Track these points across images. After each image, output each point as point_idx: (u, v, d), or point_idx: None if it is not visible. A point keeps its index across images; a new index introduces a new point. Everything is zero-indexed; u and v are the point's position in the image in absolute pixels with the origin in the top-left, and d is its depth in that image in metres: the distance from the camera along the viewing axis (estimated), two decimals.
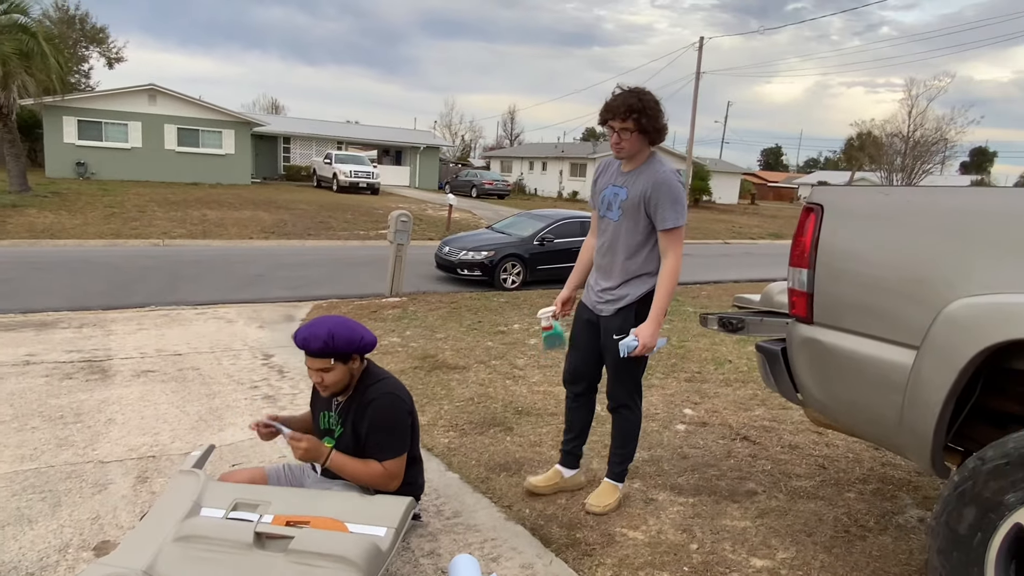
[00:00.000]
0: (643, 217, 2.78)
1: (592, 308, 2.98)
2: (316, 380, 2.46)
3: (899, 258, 2.23)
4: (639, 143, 2.75)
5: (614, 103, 2.71)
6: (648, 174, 2.78)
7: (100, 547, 2.54)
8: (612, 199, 2.87)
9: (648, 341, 2.72)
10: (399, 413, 2.51)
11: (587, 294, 3.04)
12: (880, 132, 40.58)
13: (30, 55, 15.99)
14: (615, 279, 2.88)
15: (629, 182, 2.82)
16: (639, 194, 2.77)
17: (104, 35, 37.79)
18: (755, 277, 12.54)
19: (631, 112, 2.66)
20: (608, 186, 2.92)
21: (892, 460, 3.76)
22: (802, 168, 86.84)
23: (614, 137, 2.74)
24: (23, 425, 3.68)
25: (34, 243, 11.73)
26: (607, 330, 2.90)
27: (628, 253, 2.85)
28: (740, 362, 5.72)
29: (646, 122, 2.69)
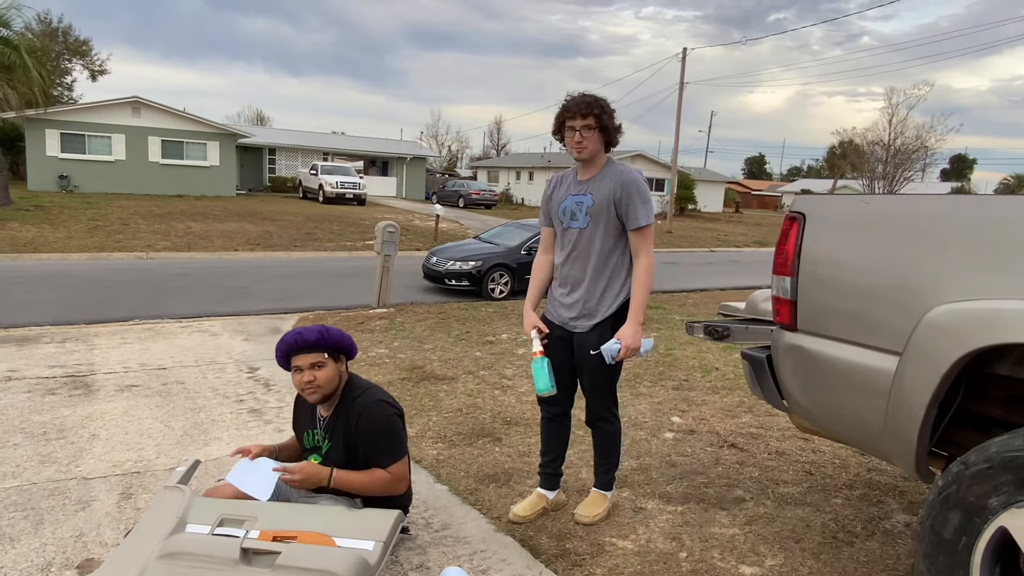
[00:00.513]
0: (613, 219, 2.76)
1: (563, 324, 2.89)
2: (307, 380, 2.42)
3: (880, 265, 2.26)
4: (599, 142, 2.74)
5: (572, 103, 2.72)
6: (612, 176, 2.77)
7: (84, 565, 2.50)
8: (575, 208, 2.81)
9: (631, 342, 2.68)
10: (391, 418, 2.52)
11: (554, 310, 2.94)
12: (861, 140, 41.17)
13: (12, 68, 15.89)
14: (587, 290, 2.81)
15: (591, 188, 2.79)
16: (606, 196, 2.74)
17: (87, 48, 37.58)
18: (740, 285, 12.63)
19: (591, 108, 2.68)
20: (566, 197, 2.85)
21: (878, 466, 3.79)
22: (785, 176, 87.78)
23: (575, 136, 2.71)
24: (4, 442, 3.62)
25: (16, 257, 11.59)
26: (582, 346, 2.82)
27: (600, 259, 2.79)
28: (727, 369, 5.75)
29: (606, 119, 2.71)
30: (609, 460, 3.04)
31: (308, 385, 2.43)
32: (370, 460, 2.45)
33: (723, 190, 45.15)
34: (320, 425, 2.58)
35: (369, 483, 2.41)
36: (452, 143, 65.36)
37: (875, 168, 38.69)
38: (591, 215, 2.77)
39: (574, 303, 2.83)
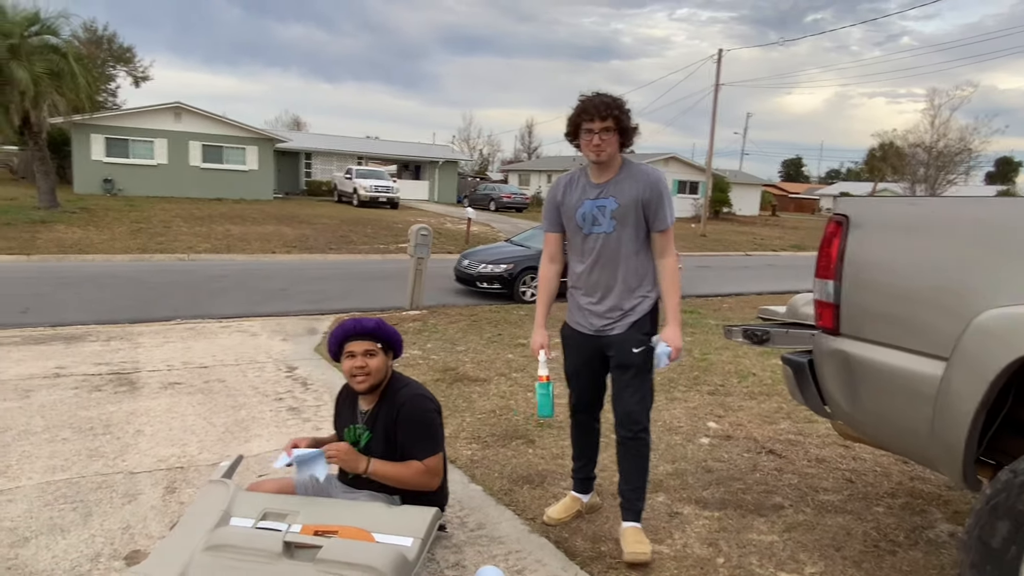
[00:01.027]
0: (640, 221, 2.69)
1: (593, 332, 2.80)
2: (359, 365, 2.47)
3: (927, 269, 2.22)
4: (616, 144, 2.65)
5: (590, 105, 2.60)
6: (636, 177, 2.68)
7: (131, 556, 2.58)
8: (597, 213, 2.70)
9: (678, 342, 2.66)
10: (429, 412, 2.58)
11: (583, 320, 2.84)
12: (902, 142, 40.20)
13: (60, 75, 16.42)
14: (620, 294, 2.73)
15: (613, 191, 2.69)
16: (634, 198, 2.66)
17: (131, 55, 38.73)
18: (778, 289, 12.43)
19: (610, 110, 2.58)
20: (583, 202, 2.74)
21: (921, 474, 3.70)
22: (823, 179, 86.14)
23: (594, 140, 2.60)
24: (54, 436, 3.75)
25: (62, 258, 11.98)
26: (624, 345, 2.72)
27: (630, 262, 2.72)
28: (764, 375, 5.67)
29: (624, 120, 2.62)
30: (642, 484, 2.81)
31: (359, 371, 2.48)
32: (407, 451, 2.49)
33: (759, 193, 44.51)
34: (361, 419, 2.62)
35: (404, 474, 2.44)
36: (484, 147, 65.68)
37: (916, 171, 37.75)
38: (616, 218, 2.68)
39: (609, 309, 2.76)
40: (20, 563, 2.51)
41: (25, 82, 15.23)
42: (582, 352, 2.87)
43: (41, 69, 15.81)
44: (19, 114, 15.92)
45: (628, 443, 2.78)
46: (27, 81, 15.25)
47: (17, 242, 12.69)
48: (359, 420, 2.63)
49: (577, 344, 2.88)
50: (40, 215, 15.67)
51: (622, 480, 2.82)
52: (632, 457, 2.79)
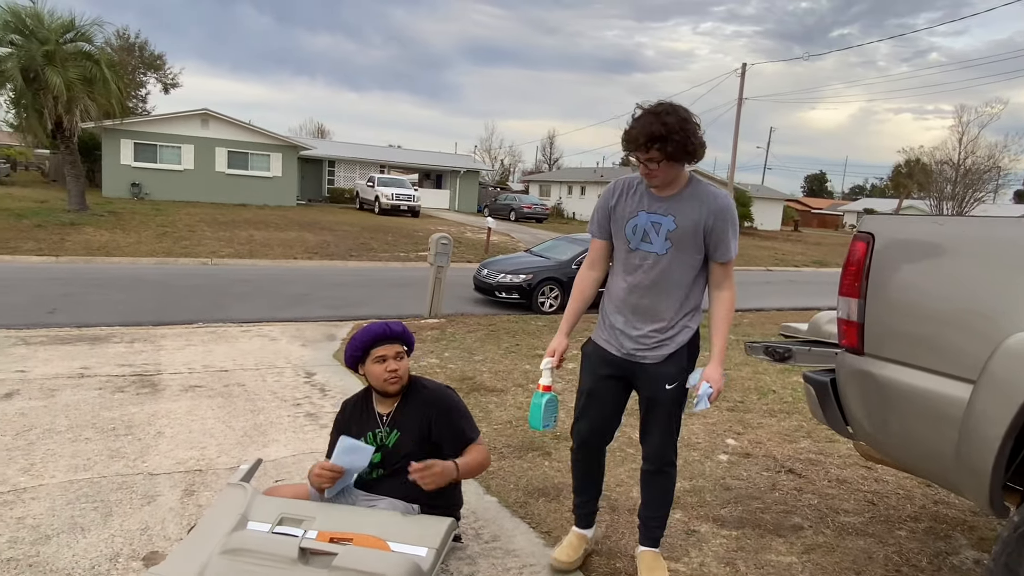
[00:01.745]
0: (698, 247, 2.43)
1: (622, 355, 2.54)
2: (392, 368, 2.53)
3: (954, 289, 2.18)
4: (672, 169, 2.36)
5: (632, 132, 2.31)
6: (701, 199, 2.42)
7: (149, 557, 2.60)
8: (650, 229, 2.44)
9: (721, 384, 2.42)
10: (461, 401, 2.71)
11: (613, 339, 2.57)
12: (929, 159, 39.70)
13: (93, 81, 16.79)
14: (664, 320, 2.48)
15: (674, 209, 2.42)
16: (695, 223, 2.40)
17: (161, 62, 39.51)
18: (799, 306, 12.29)
19: (653, 141, 2.26)
20: (638, 213, 2.47)
21: (945, 498, 3.62)
22: (847, 195, 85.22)
23: (642, 169, 2.38)
24: (77, 436, 3.80)
25: (90, 260, 12.20)
26: (656, 379, 2.49)
27: (681, 291, 2.47)
28: (784, 392, 5.60)
29: (672, 149, 2.27)
30: (664, 512, 2.71)
31: (392, 374, 2.53)
32: (457, 438, 2.56)
33: (781, 208, 44.16)
34: (383, 423, 2.62)
35: (478, 458, 2.55)
36: (505, 157, 65.99)
37: (943, 188, 37.21)
38: (672, 240, 2.42)
39: (645, 335, 2.49)
40: (41, 560, 2.55)
41: (59, 87, 15.59)
42: (601, 369, 2.60)
43: (74, 75, 16.18)
44: (52, 118, 16.29)
45: (654, 476, 2.66)
46: (61, 86, 15.61)
47: (47, 243, 12.95)
48: (379, 424, 2.64)
49: (599, 363, 2.61)
50: (69, 218, 15.99)
51: (644, 507, 2.72)
52: (657, 489, 2.68)
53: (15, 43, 16.22)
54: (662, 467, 2.63)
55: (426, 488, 2.33)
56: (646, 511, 2.71)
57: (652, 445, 2.61)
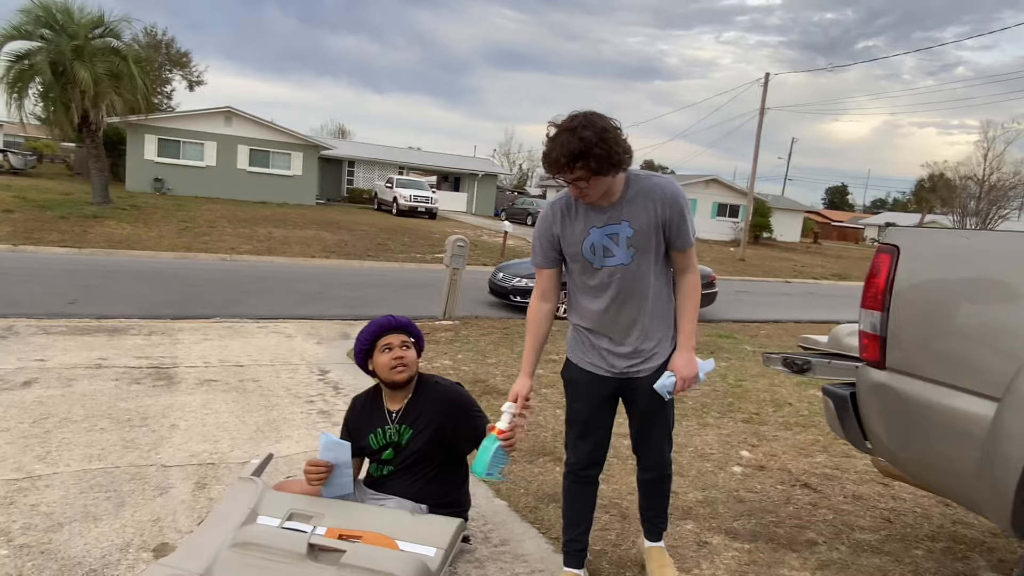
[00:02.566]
0: (660, 244, 2.33)
1: (614, 374, 2.44)
2: (397, 356, 2.55)
3: (980, 305, 2.14)
4: (601, 184, 2.19)
5: (552, 154, 2.13)
6: (648, 195, 2.28)
7: (159, 548, 2.61)
8: (608, 243, 2.30)
9: (687, 372, 2.34)
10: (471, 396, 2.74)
11: (594, 358, 2.46)
12: (953, 174, 39.24)
13: (120, 76, 17.05)
14: (645, 331, 2.39)
15: (625, 214, 2.28)
16: (651, 219, 2.28)
17: (187, 59, 40.03)
18: (818, 319, 12.16)
19: (574, 160, 2.09)
20: (589, 231, 2.31)
21: (964, 518, 3.55)
22: (869, 208, 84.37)
23: (572, 190, 2.24)
24: (93, 426, 3.84)
25: (111, 253, 12.36)
26: (649, 390, 2.40)
27: (654, 293, 2.37)
28: (801, 405, 5.53)
29: (596, 164, 2.09)
30: (666, 507, 2.74)
31: (398, 361, 2.55)
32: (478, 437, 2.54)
33: (801, 219, 43.77)
34: (393, 420, 2.62)
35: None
36: (523, 161, 66.02)
37: (967, 204, 36.73)
38: (634, 245, 2.29)
39: (634, 351, 2.40)
40: (54, 548, 2.57)
41: (86, 82, 15.84)
42: (595, 396, 2.47)
43: (102, 70, 16.44)
44: (79, 112, 16.56)
45: (655, 483, 2.66)
46: (88, 81, 15.86)
47: (70, 235, 13.14)
48: (390, 421, 2.63)
49: (592, 387, 2.47)
50: (93, 210, 16.22)
51: (646, 506, 2.73)
52: (659, 493, 2.70)
53: (45, 37, 16.52)
54: (664, 470, 2.64)
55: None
56: (650, 509, 2.72)
57: (653, 453, 2.58)
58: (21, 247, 11.84)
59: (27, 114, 17.00)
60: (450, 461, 2.66)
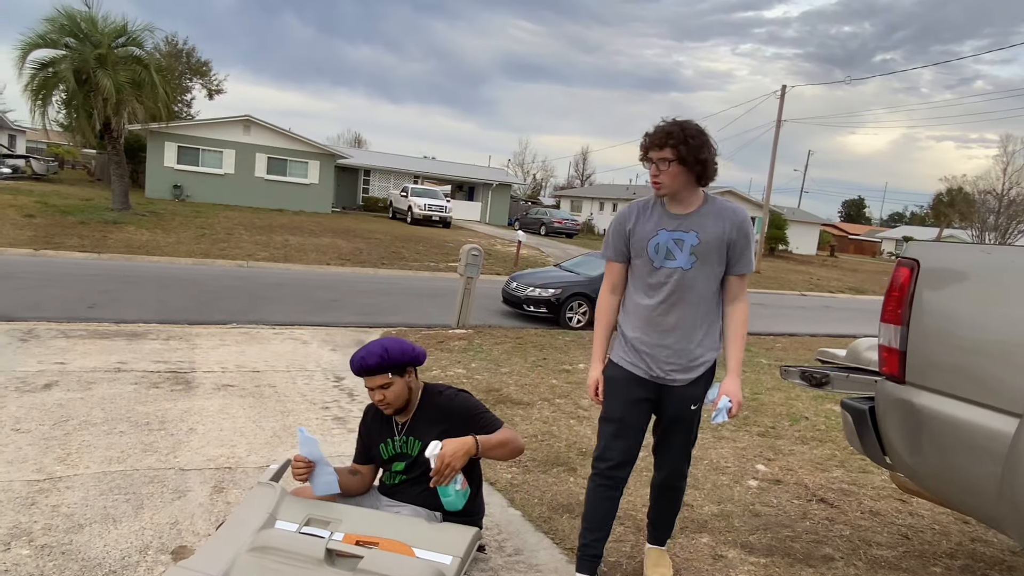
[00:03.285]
0: (722, 260, 2.47)
1: (650, 377, 2.54)
2: (378, 399, 2.51)
3: (1001, 320, 2.12)
4: (679, 177, 2.39)
5: (651, 132, 2.42)
6: (721, 215, 2.46)
7: (177, 551, 2.64)
8: (673, 246, 2.46)
9: (740, 398, 2.47)
10: (474, 399, 2.62)
11: (634, 358, 2.56)
12: (972, 189, 38.83)
13: (141, 84, 17.29)
14: (687, 338, 2.50)
15: (695, 225, 2.45)
16: (718, 236, 2.43)
17: (207, 68, 40.49)
18: (834, 332, 12.06)
19: (668, 138, 2.35)
20: (658, 232, 2.49)
21: (983, 536, 3.50)
22: (886, 222, 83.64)
23: (652, 169, 2.42)
24: (112, 429, 3.89)
25: (130, 258, 12.51)
26: (683, 400, 2.53)
27: (703, 303, 2.49)
28: (817, 420, 5.48)
29: (685, 151, 2.34)
30: (673, 517, 2.83)
31: (380, 403, 2.53)
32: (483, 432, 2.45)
33: (817, 232, 43.50)
34: (400, 432, 2.62)
35: (502, 437, 2.42)
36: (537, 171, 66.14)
37: (986, 219, 36.32)
38: (697, 255, 2.44)
39: (673, 355, 2.50)
40: (74, 549, 2.60)
41: (109, 90, 16.08)
42: (631, 396, 2.56)
43: (124, 78, 16.68)
44: (101, 120, 16.79)
45: (668, 489, 2.75)
46: (111, 89, 16.10)
47: (90, 240, 13.32)
48: (397, 432, 2.64)
49: (629, 386, 2.56)
50: (112, 216, 16.43)
51: (654, 511, 2.82)
52: (670, 499, 2.78)
53: (70, 46, 16.80)
54: (677, 480, 2.73)
55: (456, 469, 2.27)
56: (656, 515, 2.82)
57: (671, 460, 2.68)
58: (42, 252, 12.02)
59: (50, 121, 17.26)
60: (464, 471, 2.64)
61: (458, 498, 2.35)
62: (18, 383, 4.54)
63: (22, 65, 16.29)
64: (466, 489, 2.38)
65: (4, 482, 3.10)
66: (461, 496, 2.36)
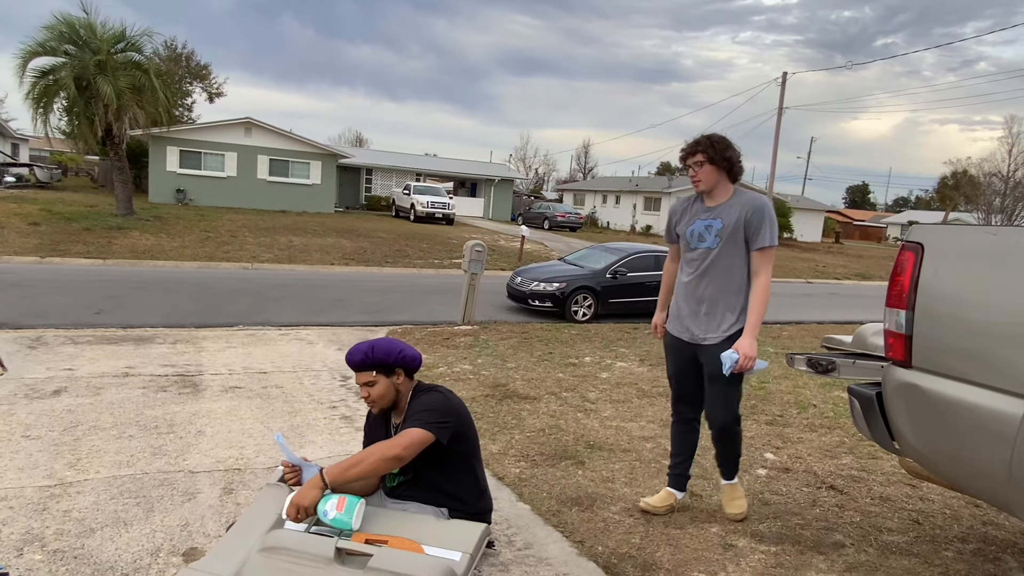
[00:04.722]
0: (741, 240, 3.03)
1: (688, 339, 3.16)
2: (364, 396, 2.52)
3: (1008, 301, 2.11)
4: (713, 174, 3.04)
5: (687, 143, 3.12)
6: (742, 202, 3.05)
7: (188, 553, 2.65)
8: (704, 231, 3.09)
9: (749, 352, 2.88)
10: (443, 402, 2.46)
11: (677, 325, 3.22)
12: (977, 171, 38.60)
13: (142, 90, 17.32)
14: (715, 304, 3.08)
15: (721, 213, 3.06)
16: (736, 219, 3.01)
17: (207, 72, 40.56)
18: (840, 319, 12.02)
19: (698, 146, 3.06)
20: (694, 221, 3.13)
21: (995, 519, 3.49)
22: (891, 207, 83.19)
23: (690, 172, 3.09)
24: (121, 433, 3.91)
25: (136, 263, 12.55)
26: (714, 356, 3.02)
27: (727, 275, 3.06)
28: (825, 407, 5.47)
29: (713, 153, 3.01)
30: (734, 459, 3.29)
31: (365, 400, 2.54)
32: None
33: (822, 219, 43.28)
34: (393, 433, 2.63)
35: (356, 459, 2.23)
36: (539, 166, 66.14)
37: (992, 201, 36.09)
38: (721, 236, 3.04)
39: (704, 317, 3.10)
40: (86, 552, 2.62)
41: (109, 96, 16.11)
42: (680, 357, 3.24)
43: (125, 84, 16.70)
44: (102, 126, 16.84)
45: (718, 437, 3.23)
46: (111, 95, 16.13)
47: (95, 246, 13.37)
48: (389, 434, 2.65)
49: (676, 349, 3.26)
50: (117, 222, 16.48)
51: (720, 456, 3.30)
52: (724, 444, 3.24)
53: (69, 53, 16.84)
54: (722, 433, 3.19)
55: (306, 509, 2.12)
56: (721, 459, 3.30)
57: (714, 410, 3.16)
58: (48, 259, 12.07)
59: (52, 128, 17.30)
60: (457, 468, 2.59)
61: (339, 523, 2.12)
62: (27, 390, 4.57)
63: (23, 73, 16.33)
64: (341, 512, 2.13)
65: (15, 488, 3.12)
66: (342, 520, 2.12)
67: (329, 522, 2.13)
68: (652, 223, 34.95)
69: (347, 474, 2.21)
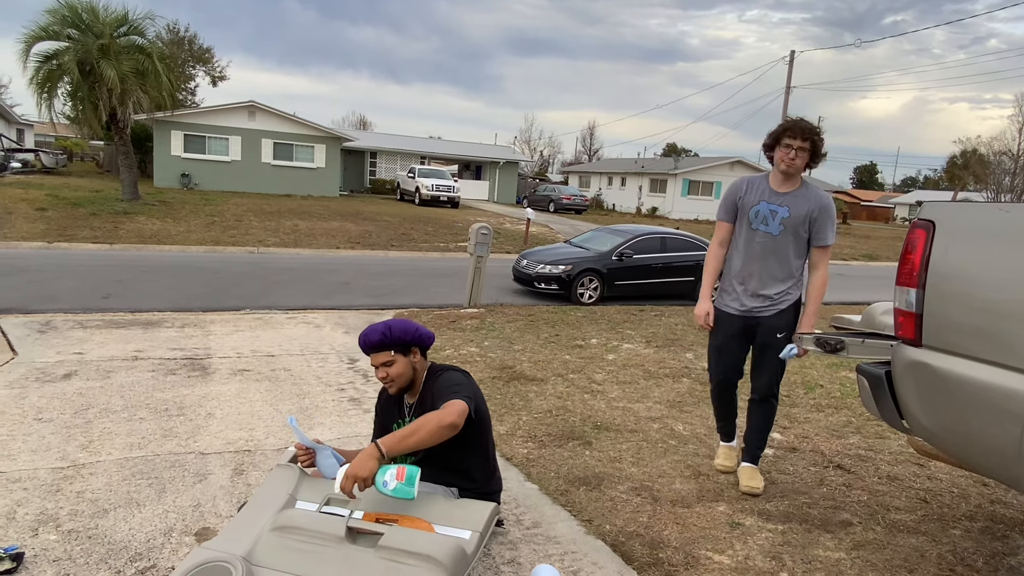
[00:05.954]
0: (803, 233, 3.19)
1: (746, 314, 3.29)
2: (382, 376, 2.54)
3: (1019, 280, 2.09)
4: (805, 163, 3.14)
5: (796, 124, 3.12)
6: (810, 197, 3.18)
7: (201, 533, 2.68)
8: (768, 215, 3.20)
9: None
10: (467, 380, 2.53)
11: (730, 300, 3.34)
12: (987, 150, 38.23)
13: (145, 74, 17.25)
14: (775, 285, 3.23)
15: (789, 202, 3.18)
16: (804, 214, 3.15)
17: (210, 55, 40.43)
18: (848, 300, 11.97)
19: (811, 134, 3.10)
20: (760, 202, 3.23)
21: (1002, 497, 3.50)
22: (899, 187, 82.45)
23: (790, 154, 3.10)
24: (132, 416, 3.94)
25: (142, 248, 12.59)
26: (770, 329, 3.24)
27: (788, 263, 3.22)
28: (832, 387, 5.47)
29: (819, 146, 3.13)
30: (765, 435, 3.43)
31: (383, 380, 2.55)
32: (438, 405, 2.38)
33: None
34: (408, 413, 2.65)
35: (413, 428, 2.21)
36: (544, 148, 65.79)
37: (1001, 180, 35.78)
38: (785, 225, 3.18)
39: (762, 295, 3.25)
40: (100, 533, 2.65)
41: (113, 80, 16.06)
42: (728, 329, 3.35)
43: (128, 68, 16.64)
44: (107, 110, 16.80)
45: (760, 404, 3.38)
46: (115, 79, 16.08)
47: (102, 232, 13.41)
48: (406, 414, 2.66)
49: (726, 324, 3.35)
50: (123, 207, 16.51)
51: (749, 430, 3.43)
52: (762, 415, 3.39)
53: (72, 37, 16.77)
54: (767, 397, 3.35)
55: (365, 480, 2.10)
56: (751, 433, 3.42)
57: (761, 380, 3.34)
58: (56, 244, 12.11)
59: (57, 114, 17.27)
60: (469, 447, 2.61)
61: (401, 492, 2.09)
62: (39, 374, 4.61)
63: (26, 58, 16.30)
64: (403, 481, 2.10)
65: (29, 470, 3.15)
66: (404, 489, 2.09)
67: (389, 492, 2.08)
68: (658, 204, 34.79)
69: (404, 443, 2.19)
